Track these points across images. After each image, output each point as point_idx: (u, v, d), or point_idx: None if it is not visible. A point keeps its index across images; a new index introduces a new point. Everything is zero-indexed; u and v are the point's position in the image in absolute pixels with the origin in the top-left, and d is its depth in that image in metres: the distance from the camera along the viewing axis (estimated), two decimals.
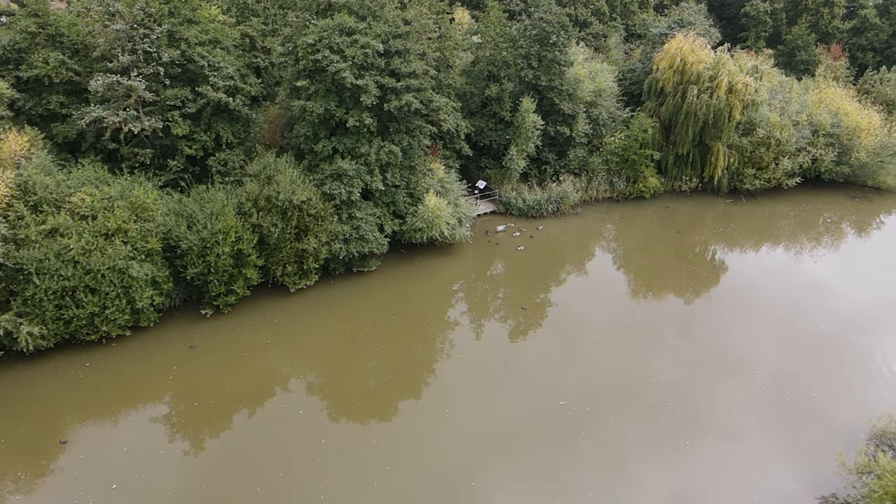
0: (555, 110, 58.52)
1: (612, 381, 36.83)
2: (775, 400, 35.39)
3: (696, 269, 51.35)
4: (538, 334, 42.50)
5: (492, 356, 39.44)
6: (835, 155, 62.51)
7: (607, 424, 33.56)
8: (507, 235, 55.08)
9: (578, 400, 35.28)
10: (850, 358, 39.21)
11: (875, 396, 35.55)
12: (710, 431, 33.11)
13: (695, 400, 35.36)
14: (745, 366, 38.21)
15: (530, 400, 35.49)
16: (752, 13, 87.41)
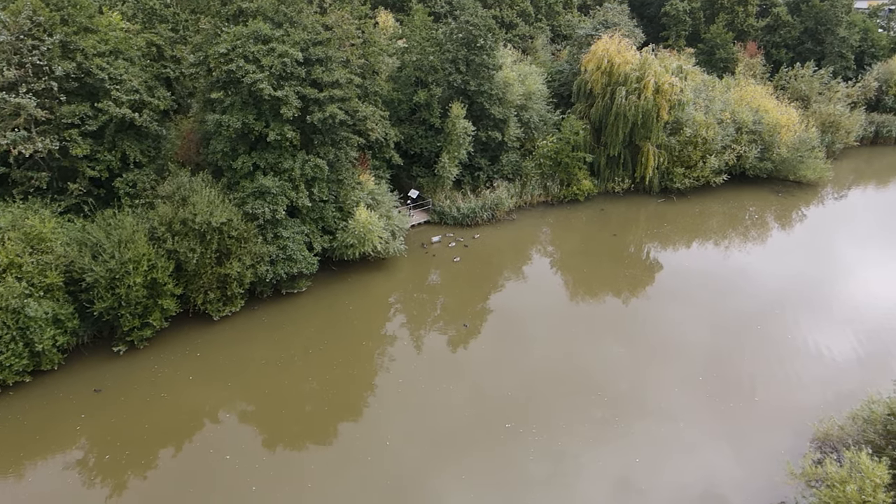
0: (485, 115, 57.29)
1: (555, 379, 37.33)
2: (711, 382, 37.25)
3: (632, 268, 52.00)
4: (479, 342, 41.43)
5: (433, 369, 38.09)
6: (758, 151, 64.01)
7: (553, 420, 34.16)
8: (443, 246, 53.46)
9: (523, 399, 35.47)
10: (775, 336, 41.79)
11: (800, 368, 38.66)
12: (651, 417, 34.44)
13: (637, 389, 36.65)
14: (681, 354, 39.81)
15: (474, 404, 35.14)
16: (672, 12, 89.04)
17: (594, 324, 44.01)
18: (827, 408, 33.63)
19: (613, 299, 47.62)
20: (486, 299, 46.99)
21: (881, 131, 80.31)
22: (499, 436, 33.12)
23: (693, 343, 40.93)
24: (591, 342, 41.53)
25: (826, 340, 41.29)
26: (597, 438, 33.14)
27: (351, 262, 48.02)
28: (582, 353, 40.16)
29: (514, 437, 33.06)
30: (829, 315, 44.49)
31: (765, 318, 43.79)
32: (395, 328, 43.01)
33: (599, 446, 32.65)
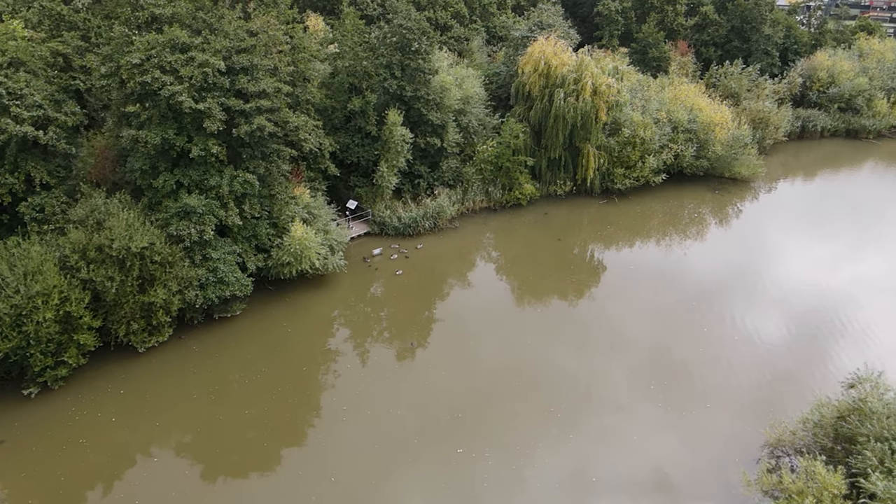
0: (423, 121, 55.67)
1: (506, 381, 37.40)
2: (656, 374, 38.28)
3: (577, 271, 51.82)
4: (427, 357, 40.11)
5: (379, 390, 36.55)
6: (694, 150, 64.70)
7: (505, 419, 34.47)
8: (385, 258, 51.54)
9: (474, 416, 34.87)
10: (715, 324, 43.46)
11: (737, 352, 40.37)
12: (602, 409, 35.41)
13: (586, 384, 37.34)
14: (628, 350, 40.62)
15: (424, 425, 34.11)
16: (605, 12, 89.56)
17: (542, 327, 43.58)
18: (764, 387, 36.87)
19: (559, 302, 47.37)
20: (432, 311, 45.51)
21: (807, 126, 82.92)
22: (450, 460, 31.71)
23: (639, 338, 41.72)
24: (539, 345, 41.09)
25: (761, 324, 43.23)
26: (550, 435, 33.45)
27: (288, 281, 45.53)
28: (530, 356, 39.86)
29: (467, 460, 31.67)
30: (762, 301, 46.38)
31: (704, 308, 45.28)
32: (338, 348, 40.88)
33: (553, 443, 32.99)
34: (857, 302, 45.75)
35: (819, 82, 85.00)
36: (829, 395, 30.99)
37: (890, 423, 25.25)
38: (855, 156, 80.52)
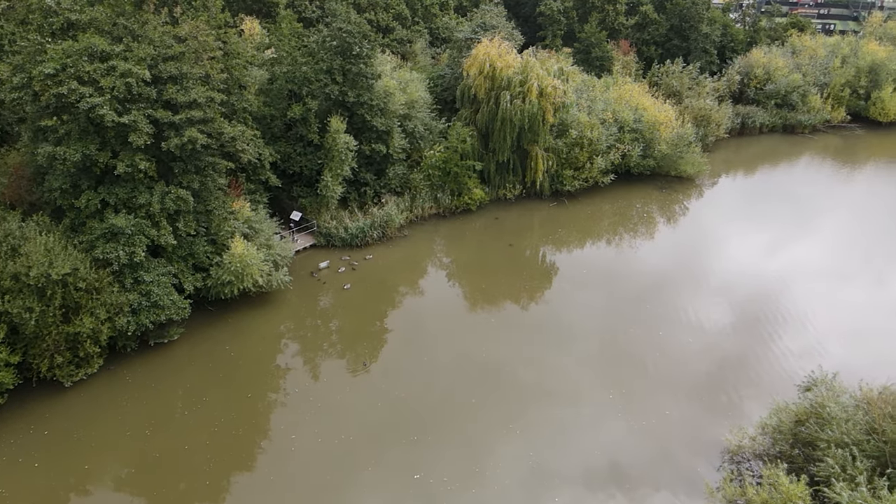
0: (367, 127, 53.83)
1: (463, 385, 37.19)
2: (609, 362, 39.81)
3: (530, 275, 51.54)
4: (380, 374, 38.49)
5: (329, 414, 34.69)
6: (641, 149, 64.93)
7: (464, 422, 34.50)
8: (333, 271, 49.52)
9: (432, 410, 35.25)
10: (665, 318, 44.45)
11: (681, 340, 41.88)
12: (559, 403, 35.91)
13: (543, 382, 37.68)
14: (581, 344, 41.47)
15: (377, 449, 32.84)
16: (547, 12, 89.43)
17: (496, 330, 43.26)
18: (713, 372, 38.57)
19: (513, 306, 46.90)
20: (383, 323, 43.95)
21: (747, 122, 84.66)
22: (406, 488, 30.23)
23: (591, 334, 42.65)
24: (495, 347, 40.96)
25: (708, 313, 44.83)
26: (510, 433, 33.80)
27: (230, 301, 43.06)
28: (487, 358, 39.73)
29: (422, 485, 30.25)
30: (708, 291, 48.00)
31: (654, 301, 46.40)
32: (287, 368, 38.80)
33: (513, 440, 33.37)
34: (794, 287, 48.27)
35: (756, 79, 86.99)
36: (783, 395, 31.60)
37: (849, 427, 25.05)
38: (792, 150, 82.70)
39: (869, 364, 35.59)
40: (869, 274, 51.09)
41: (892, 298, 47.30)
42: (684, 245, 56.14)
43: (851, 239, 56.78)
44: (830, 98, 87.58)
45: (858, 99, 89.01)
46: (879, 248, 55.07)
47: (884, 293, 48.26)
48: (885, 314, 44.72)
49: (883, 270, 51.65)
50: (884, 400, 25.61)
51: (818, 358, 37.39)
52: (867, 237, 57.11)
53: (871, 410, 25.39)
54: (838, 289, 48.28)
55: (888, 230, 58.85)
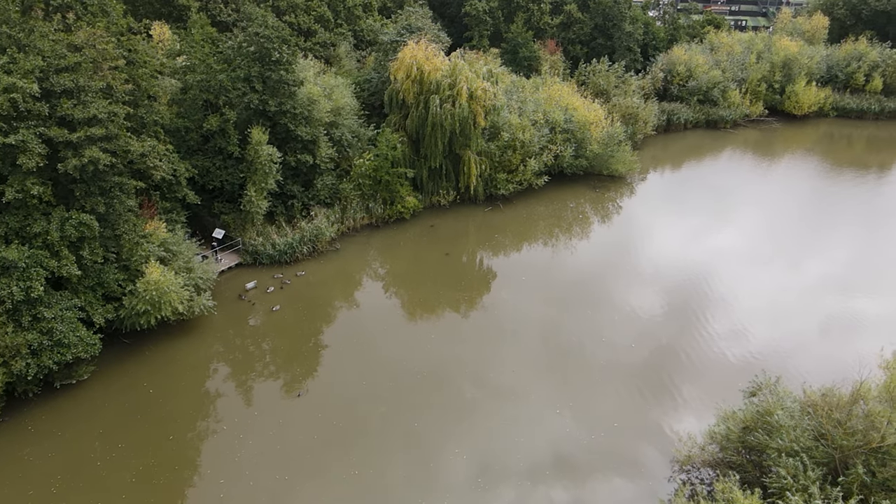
0: (292, 137, 51.10)
1: (405, 393, 36.66)
2: (550, 355, 40.43)
3: (467, 281, 50.24)
4: (315, 403, 35.95)
5: (262, 455, 31.84)
6: (573, 150, 64.73)
7: (408, 429, 33.94)
8: (261, 291, 46.65)
9: (373, 419, 34.51)
10: (599, 306, 45.81)
11: (618, 328, 43.04)
12: (503, 399, 36.22)
13: (486, 379, 37.90)
14: (522, 341, 41.92)
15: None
16: (473, 13, 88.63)
17: (435, 337, 42.55)
18: (649, 357, 40.03)
19: (452, 314, 45.75)
20: (319, 342, 41.71)
21: (672, 119, 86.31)
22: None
23: (532, 330, 42.89)
24: (435, 352, 40.45)
25: (641, 301, 46.24)
26: (457, 433, 33.90)
27: (148, 332, 39.68)
28: (428, 364, 39.16)
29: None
30: (640, 280, 49.43)
31: (591, 295, 47.46)
32: (212, 405, 35.87)
33: (460, 439, 33.43)
34: (719, 272, 50.27)
35: (679, 76, 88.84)
36: (715, 376, 36.86)
37: (798, 434, 24.72)
38: (715, 145, 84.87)
39: (787, 340, 41.14)
40: (784, 258, 53.72)
41: (804, 279, 50.20)
42: (618, 241, 57.08)
43: (769, 227, 59.57)
44: (748, 93, 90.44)
45: (774, 93, 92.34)
46: (793, 235, 58.05)
47: (797, 275, 51.02)
48: (798, 294, 47.82)
49: (796, 255, 54.44)
50: (828, 404, 25.43)
51: (743, 338, 41.79)
52: (782, 224, 60.05)
53: (817, 414, 25.15)
54: (758, 272, 50.71)
55: (801, 218, 61.92)
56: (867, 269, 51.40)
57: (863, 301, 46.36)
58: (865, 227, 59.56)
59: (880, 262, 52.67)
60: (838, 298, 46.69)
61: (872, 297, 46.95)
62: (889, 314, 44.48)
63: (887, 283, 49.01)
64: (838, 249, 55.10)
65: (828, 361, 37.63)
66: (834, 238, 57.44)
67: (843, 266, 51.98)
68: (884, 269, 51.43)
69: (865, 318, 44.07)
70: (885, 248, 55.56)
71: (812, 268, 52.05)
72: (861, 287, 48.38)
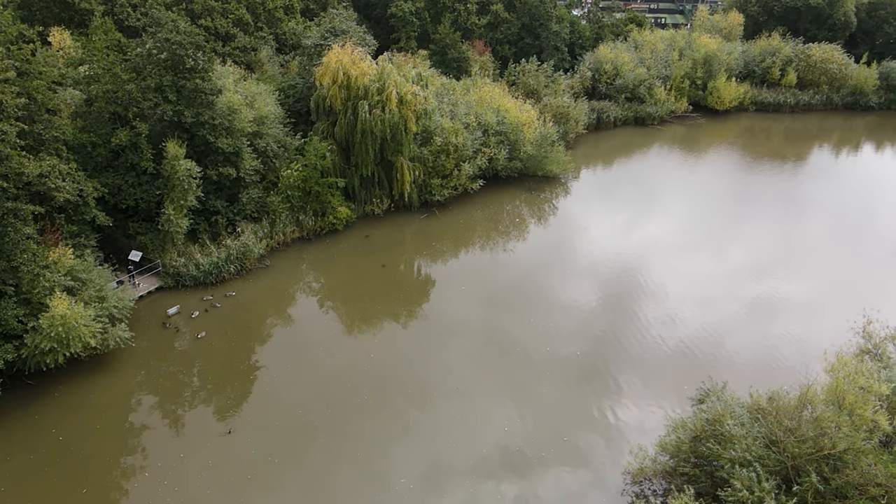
0: (212, 149, 47.97)
1: (344, 408, 35.49)
2: (492, 352, 40.60)
3: (406, 292, 48.82)
4: (246, 438, 33.24)
5: (193, 488, 29.32)
6: (507, 152, 63.96)
7: (353, 439, 33.32)
8: (186, 316, 43.47)
9: (317, 435, 33.49)
10: (542, 305, 45.94)
11: (560, 323, 43.62)
12: (448, 399, 36.25)
13: (429, 381, 37.71)
14: (464, 341, 41.70)
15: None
16: (399, 14, 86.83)
17: (377, 350, 41.06)
18: (586, 348, 40.82)
19: (392, 324, 44.34)
20: (252, 368, 38.87)
21: (602, 117, 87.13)
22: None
23: (473, 331, 42.81)
24: (377, 359, 39.75)
25: (577, 294, 47.21)
26: (404, 435, 33.72)
27: (56, 371, 36.03)
28: (369, 373, 38.39)
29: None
30: (578, 276, 50.09)
31: (531, 297, 47.20)
32: (132, 448, 32.73)
33: (407, 441, 33.29)
34: (651, 262, 51.85)
35: (606, 75, 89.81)
36: (651, 362, 38.67)
37: (749, 443, 24.27)
38: (644, 141, 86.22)
39: (717, 324, 43.18)
40: (711, 247, 55.66)
41: (729, 267, 51.89)
42: (554, 240, 57.36)
43: (696, 218, 61.58)
44: (673, 90, 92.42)
45: (697, 89, 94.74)
46: (719, 225, 60.21)
47: (723, 262, 52.78)
48: (725, 280, 49.55)
49: (721, 244, 56.41)
50: (776, 409, 25.14)
51: (677, 324, 43.45)
52: (709, 215, 62.18)
53: (767, 421, 24.80)
54: (687, 262, 52.27)
55: (726, 208, 64.14)
56: (785, 254, 53.99)
57: (782, 283, 48.66)
58: (783, 216, 62.27)
59: (797, 247, 55.43)
60: (760, 282, 48.86)
61: (790, 279, 49.44)
62: (804, 294, 47.06)
63: (803, 267, 51.62)
64: (760, 237, 57.47)
65: (755, 343, 40.96)
66: (756, 226, 59.74)
67: (764, 252, 54.39)
68: (800, 254, 54.14)
69: (784, 299, 46.51)
70: (801, 234, 58.32)
71: (737, 255, 54.09)
72: (780, 271, 50.70)
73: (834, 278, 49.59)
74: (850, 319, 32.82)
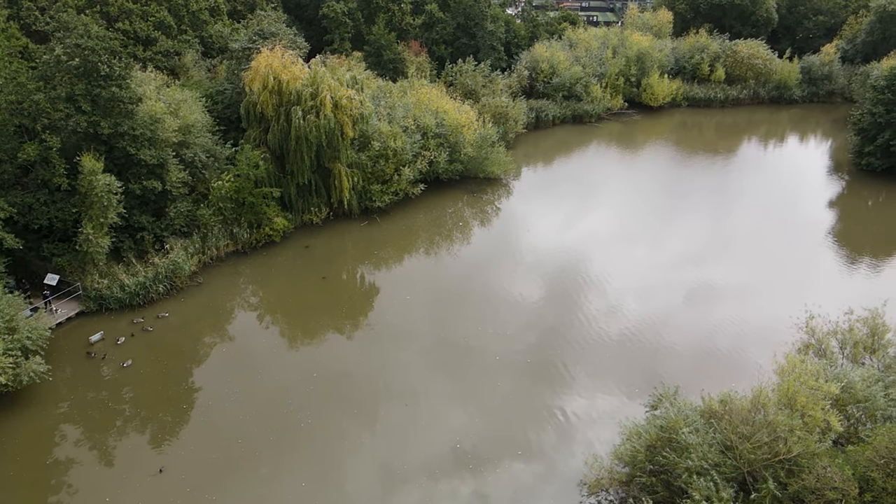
0: (133, 162, 44.88)
1: (288, 430, 33.73)
2: (442, 358, 39.88)
3: (350, 301, 47.20)
4: (186, 446, 31.14)
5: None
6: (447, 155, 62.88)
7: (294, 481, 31.14)
8: (111, 344, 40.45)
9: (252, 477, 31.02)
10: (489, 303, 45.91)
11: (508, 319, 43.70)
12: (398, 401, 35.83)
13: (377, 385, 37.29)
14: (412, 346, 41.18)
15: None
16: (331, 14, 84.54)
17: (321, 367, 39.18)
18: (534, 344, 40.97)
19: (336, 336, 42.68)
20: (185, 400, 36.28)
21: (540, 116, 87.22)
22: None
23: (420, 333, 42.42)
24: (322, 389, 37.34)
25: (525, 292, 47.21)
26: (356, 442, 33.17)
27: None
28: (313, 409, 35.66)
29: None
30: (524, 273, 50.33)
31: (478, 296, 47.04)
32: (52, 494, 29.88)
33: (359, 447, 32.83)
34: (593, 255, 52.87)
35: (543, 73, 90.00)
36: (597, 352, 39.84)
37: (705, 451, 23.87)
38: (582, 139, 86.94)
39: (658, 313, 44.15)
40: (649, 239, 56.66)
41: (666, 256, 53.07)
42: (499, 240, 57.14)
43: (634, 212, 62.56)
44: (609, 87, 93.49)
45: (631, 86, 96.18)
46: (656, 217, 61.38)
47: (661, 253, 53.87)
48: (663, 270, 50.69)
49: (659, 235, 57.58)
50: (728, 412, 24.84)
51: (620, 314, 44.34)
52: (646, 209, 63.27)
53: (721, 426, 24.47)
54: (627, 253, 53.44)
55: (662, 201, 65.52)
56: (720, 244, 55.60)
57: (717, 271, 50.12)
58: (716, 206, 64.12)
59: (729, 237, 57.14)
60: (696, 271, 50.19)
61: (723, 267, 50.85)
62: (737, 281, 48.57)
63: (736, 256, 53.21)
64: (695, 229, 59.07)
65: (693, 328, 42.41)
66: (690, 218, 61.42)
67: (699, 243, 55.86)
68: (732, 243, 55.86)
69: (719, 287, 48.02)
70: (734, 225, 59.95)
71: (673, 246, 55.24)
72: (715, 260, 52.13)
73: (766, 265, 51.20)
74: (794, 315, 33.21)
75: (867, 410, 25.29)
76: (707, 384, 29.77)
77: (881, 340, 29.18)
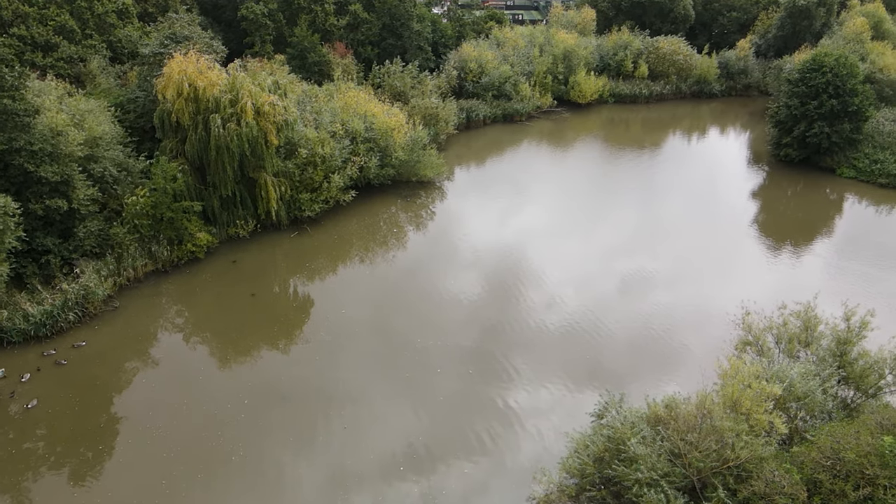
0: (33, 180, 41.15)
1: (215, 459, 31.99)
2: (385, 361, 39.30)
3: (283, 315, 45.14)
4: (96, 492, 28.41)
5: None
6: (378, 159, 61.14)
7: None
8: (14, 381, 36.81)
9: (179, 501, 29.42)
10: (429, 303, 46.00)
11: (449, 317, 43.95)
12: (345, 404, 35.37)
13: (322, 391, 36.62)
14: (355, 345, 40.86)
15: None
16: (250, 16, 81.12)
17: (255, 387, 37.29)
18: (477, 339, 41.32)
19: (271, 353, 40.65)
20: (102, 441, 33.25)
21: (471, 116, 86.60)
22: None
23: (362, 332, 42.26)
24: (258, 411, 35.44)
25: (465, 290, 47.31)
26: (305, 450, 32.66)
27: None
28: (247, 438, 33.51)
29: None
30: (462, 271, 50.43)
31: (417, 298, 47.07)
32: None
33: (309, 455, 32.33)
34: (529, 250, 53.60)
35: (471, 73, 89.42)
36: (538, 342, 40.42)
37: (654, 461, 23.35)
38: (514, 138, 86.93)
39: (594, 302, 45.35)
40: (582, 232, 57.91)
41: (599, 248, 54.68)
42: (435, 242, 56.44)
43: (567, 206, 63.54)
44: (537, 86, 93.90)
45: (559, 84, 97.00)
46: (588, 211, 62.67)
47: (593, 245, 55.39)
48: (597, 260, 52.34)
49: (591, 228, 58.93)
50: (674, 418, 24.46)
51: (559, 306, 45.05)
52: (578, 203, 64.46)
53: (668, 433, 24.03)
54: (562, 247, 54.44)
55: (593, 196, 67.03)
56: (648, 234, 56.99)
57: (646, 261, 51.57)
58: (644, 199, 65.61)
59: (657, 227, 58.54)
60: (628, 262, 51.48)
61: (654, 258, 52.14)
62: (666, 270, 50.15)
63: (662, 245, 54.61)
64: (626, 222, 60.15)
65: (628, 315, 43.67)
66: (620, 211, 62.62)
67: (629, 234, 57.22)
68: (660, 233, 57.28)
69: (649, 275, 49.47)
70: (659, 215, 61.40)
71: (605, 238, 56.53)
72: (644, 250, 53.60)
73: (695, 255, 52.79)
74: (730, 313, 33.58)
75: (807, 406, 25.45)
76: (645, 368, 32.92)
77: (814, 333, 29.59)
